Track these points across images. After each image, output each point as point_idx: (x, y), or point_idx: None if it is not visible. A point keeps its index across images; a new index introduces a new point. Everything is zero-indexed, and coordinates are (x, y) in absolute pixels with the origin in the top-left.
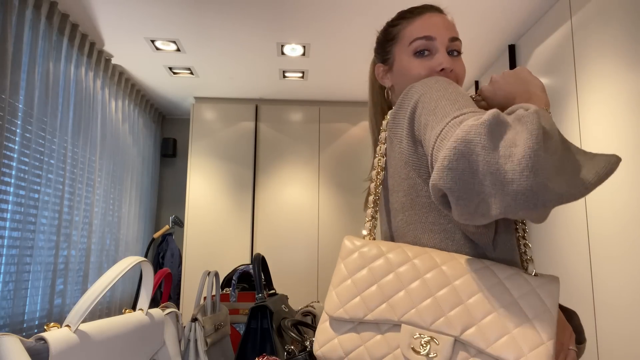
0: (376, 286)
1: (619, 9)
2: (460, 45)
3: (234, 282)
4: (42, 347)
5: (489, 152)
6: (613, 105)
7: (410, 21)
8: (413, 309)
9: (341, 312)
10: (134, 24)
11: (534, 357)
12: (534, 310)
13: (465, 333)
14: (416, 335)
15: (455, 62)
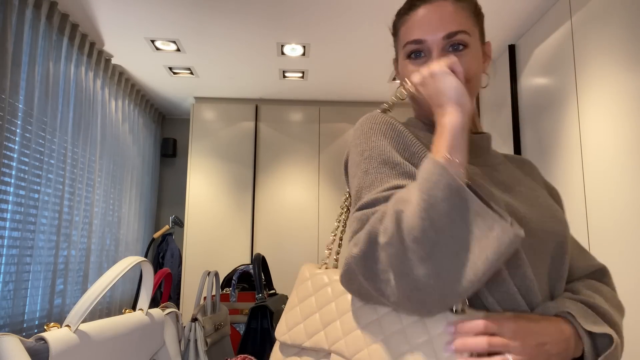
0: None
1: (619, 9)
2: (465, 37)
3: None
4: (42, 347)
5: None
6: (613, 105)
7: (405, 19)
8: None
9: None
10: (134, 24)
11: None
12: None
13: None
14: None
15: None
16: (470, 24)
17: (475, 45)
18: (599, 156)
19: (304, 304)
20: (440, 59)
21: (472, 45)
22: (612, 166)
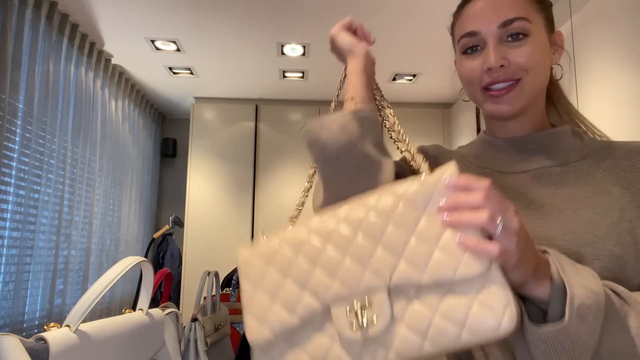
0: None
1: (619, 9)
2: (524, 25)
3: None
4: (42, 347)
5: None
6: (613, 105)
7: (458, 15)
8: (335, 283)
9: (266, 334)
10: (134, 24)
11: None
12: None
13: (394, 277)
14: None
15: (512, 51)
16: (532, 11)
17: (539, 33)
18: None
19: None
20: (496, 51)
21: (534, 34)
22: None
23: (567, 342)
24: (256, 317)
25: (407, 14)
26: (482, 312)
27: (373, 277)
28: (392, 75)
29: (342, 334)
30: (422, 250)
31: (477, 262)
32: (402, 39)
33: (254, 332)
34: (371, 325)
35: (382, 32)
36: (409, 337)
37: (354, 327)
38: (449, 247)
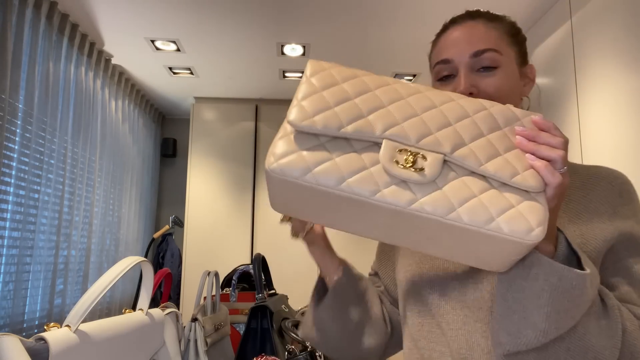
0: (357, 100)
1: (619, 9)
2: (494, 56)
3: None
4: (42, 347)
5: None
6: (613, 105)
7: (435, 43)
8: (397, 125)
9: (310, 122)
10: (134, 24)
11: (530, 175)
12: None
13: (457, 152)
14: (401, 151)
15: (482, 80)
16: (504, 44)
17: (509, 65)
18: (599, 156)
19: (332, 90)
20: (467, 79)
21: (504, 66)
22: (612, 166)
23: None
24: (311, 107)
25: (407, 14)
26: (518, 217)
27: (437, 141)
28: (392, 75)
29: (385, 164)
30: (489, 148)
31: (534, 179)
32: (402, 39)
33: (302, 116)
34: (417, 171)
35: (382, 32)
36: (443, 199)
37: (402, 163)
38: (512, 158)
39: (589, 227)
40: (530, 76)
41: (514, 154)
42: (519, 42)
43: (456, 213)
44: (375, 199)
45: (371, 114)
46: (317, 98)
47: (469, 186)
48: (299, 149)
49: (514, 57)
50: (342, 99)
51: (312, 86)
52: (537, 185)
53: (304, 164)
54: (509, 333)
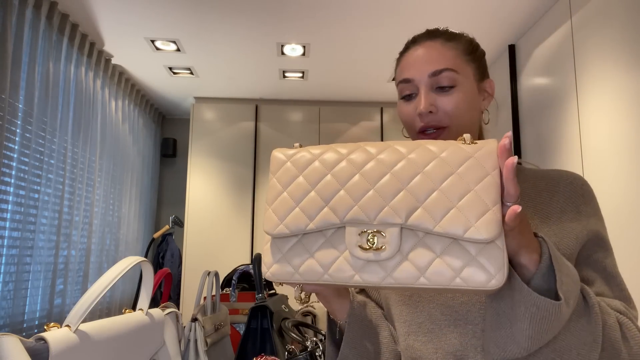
0: (313, 192)
1: (619, 9)
2: (451, 75)
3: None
4: (42, 347)
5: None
6: (613, 105)
7: (398, 62)
8: (355, 207)
9: (281, 228)
10: (134, 24)
11: (482, 226)
12: (475, 178)
13: (411, 218)
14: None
15: (440, 99)
16: (461, 63)
17: (466, 83)
18: (598, 156)
19: (292, 187)
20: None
21: (461, 84)
22: (612, 166)
23: (554, 316)
24: (277, 213)
25: (407, 14)
26: (477, 269)
27: (392, 213)
28: (392, 75)
29: (351, 250)
30: (442, 203)
31: (486, 230)
32: (402, 39)
33: (272, 224)
34: (379, 250)
35: (382, 32)
36: (408, 269)
37: (365, 247)
38: (466, 209)
39: (559, 227)
40: (489, 90)
41: (467, 200)
42: (477, 58)
43: (423, 278)
44: (354, 282)
45: (330, 201)
46: (281, 201)
47: (431, 248)
48: (282, 254)
49: (472, 73)
50: (302, 194)
51: (276, 187)
52: (489, 237)
53: (289, 268)
54: (497, 345)
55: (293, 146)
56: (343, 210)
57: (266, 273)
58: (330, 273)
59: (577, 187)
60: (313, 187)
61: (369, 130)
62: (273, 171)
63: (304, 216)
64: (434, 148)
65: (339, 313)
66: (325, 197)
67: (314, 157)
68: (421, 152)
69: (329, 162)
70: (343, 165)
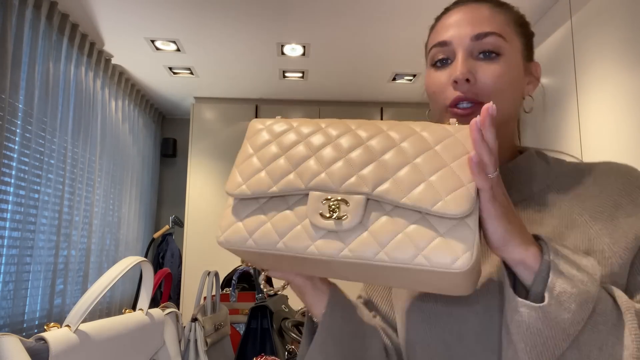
0: (283, 158)
1: (619, 9)
2: (498, 41)
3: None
4: (42, 347)
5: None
6: (613, 105)
7: (434, 26)
8: (322, 174)
9: (243, 189)
10: (134, 24)
11: (452, 200)
12: (452, 155)
13: (378, 188)
14: (324, 200)
15: (480, 68)
16: (510, 31)
17: (513, 56)
18: (599, 156)
19: (262, 152)
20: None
21: (507, 54)
22: None
23: (545, 325)
24: (242, 174)
25: (407, 13)
26: (442, 248)
27: (358, 182)
28: (392, 75)
29: (311, 217)
30: (412, 177)
31: (456, 204)
32: (402, 39)
33: (234, 185)
34: (341, 219)
35: (382, 32)
36: (368, 241)
37: (326, 215)
38: (438, 183)
39: (613, 224)
40: (535, 74)
41: (440, 175)
42: (527, 34)
43: (383, 253)
44: (309, 253)
45: (297, 167)
46: (248, 163)
47: (395, 222)
48: (239, 218)
49: (519, 48)
50: (270, 159)
51: (246, 151)
52: (459, 211)
53: (243, 232)
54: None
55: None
56: (309, 176)
57: (219, 238)
58: (285, 241)
59: (633, 179)
60: (283, 153)
61: None
62: (247, 137)
63: (269, 179)
64: (416, 127)
65: (315, 308)
66: (293, 163)
67: (291, 127)
68: (401, 129)
69: (304, 133)
70: (318, 136)
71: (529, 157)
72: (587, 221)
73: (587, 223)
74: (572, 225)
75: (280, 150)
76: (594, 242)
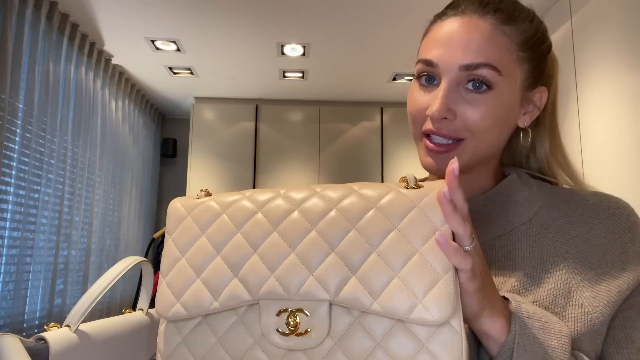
0: (219, 258)
1: (619, 9)
2: (490, 75)
3: None
4: (42, 347)
5: None
6: (613, 105)
7: (430, 29)
8: (270, 277)
9: (178, 309)
10: (134, 24)
11: (431, 302)
12: (420, 236)
13: (342, 291)
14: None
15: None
16: (509, 60)
17: (507, 89)
18: (599, 156)
19: (193, 252)
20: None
21: (500, 89)
22: (612, 166)
23: None
24: (173, 288)
25: (407, 13)
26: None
27: (317, 285)
28: (392, 75)
29: (268, 337)
30: (380, 272)
31: (437, 308)
32: (402, 39)
33: (165, 304)
34: (303, 335)
35: (382, 32)
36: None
37: (285, 332)
38: (411, 279)
39: (598, 274)
40: (536, 102)
41: (411, 268)
42: (536, 57)
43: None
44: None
45: (239, 271)
46: (177, 271)
47: (369, 331)
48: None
49: (520, 78)
50: (205, 261)
51: (172, 253)
52: (441, 317)
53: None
54: None
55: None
56: (256, 282)
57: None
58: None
59: (623, 219)
60: (219, 252)
61: (369, 130)
62: (169, 230)
63: (207, 291)
64: (371, 192)
65: None
66: (233, 264)
67: (222, 210)
68: (355, 200)
69: (239, 216)
70: (258, 218)
71: (510, 184)
72: (569, 267)
73: (569, 270)
74: (552, 269)
75: (213, 246)
76: (573, 295)
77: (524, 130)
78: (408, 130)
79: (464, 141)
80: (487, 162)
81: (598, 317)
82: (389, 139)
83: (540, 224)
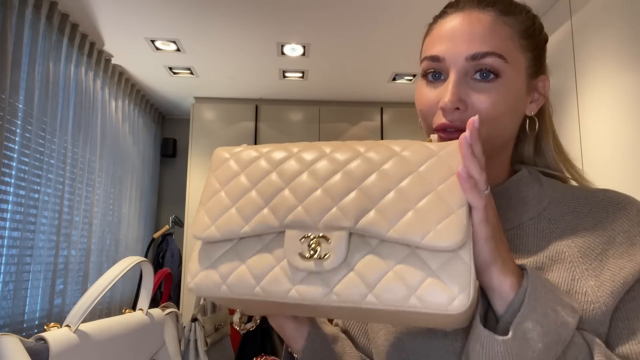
0: (254, 192)
1: (619, 9)
2: (496, 63)
3: None
4: (42, 347)
5: None
6: (613, 105)
7: (431, 29)
8: (298, 207)
9: (212, 231)
10: (134, 24)
11: (443, 230)
12: (438, 178)
13: (361, 221)
14: (303, 239)
15: (474, 94)
16: (513, 48)
17: (514, 76)
18: (599, 156)
19: (231, 185)
20: (455, 89)
21: (507, 76)
22: (612, 166)
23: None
24: (210, 214)
25: (407, 13)
26: (436, 287)
27: (339, 215)
28: (392, 75)
29: (290, 258)
30: (398, 205)
31: (448, 236)
32: (402, 39)
33: (201, 227)
34: (322, 259)
35: (382, 32)
36: (355, 283)
37: (305, 255)
38: (426, 212)
39: (603, 265)
40: (541, 90)
41: (427, 203)
42: (536, 45)
43: (371, 296)
44: (290, 298)
45: (271, 201)
46: (215, 201)
47: (384, 258)
48: (210, 262)
49: (524, 65)
50: (240, 193)
51: (213, 186)
52: (452, 243)
53: (216, 278)
54: None
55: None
56: (284, 212)
57: (189, 284)
58: (263, 286)
59: (632, 213)
60: (254, 186)
61: (369, 130)
62: (213, 169)
63: (240, 218)
64: (395, 147)
65: (295, 343)
66: (266, 197)
67: (260, 155)
68: (380, 150)
69: (275, 160)
70: (291, 162)
71: (520, 180)
72: (574, 257)
73: (574, 260)
74: (557, 259)
75: (250, 182)
76: (577, 283)
77: (531, 120)
78: (408, 130)
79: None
80: (498, 154)
81: (601, 307)
82: (389, 139)
83: (549, 219)
